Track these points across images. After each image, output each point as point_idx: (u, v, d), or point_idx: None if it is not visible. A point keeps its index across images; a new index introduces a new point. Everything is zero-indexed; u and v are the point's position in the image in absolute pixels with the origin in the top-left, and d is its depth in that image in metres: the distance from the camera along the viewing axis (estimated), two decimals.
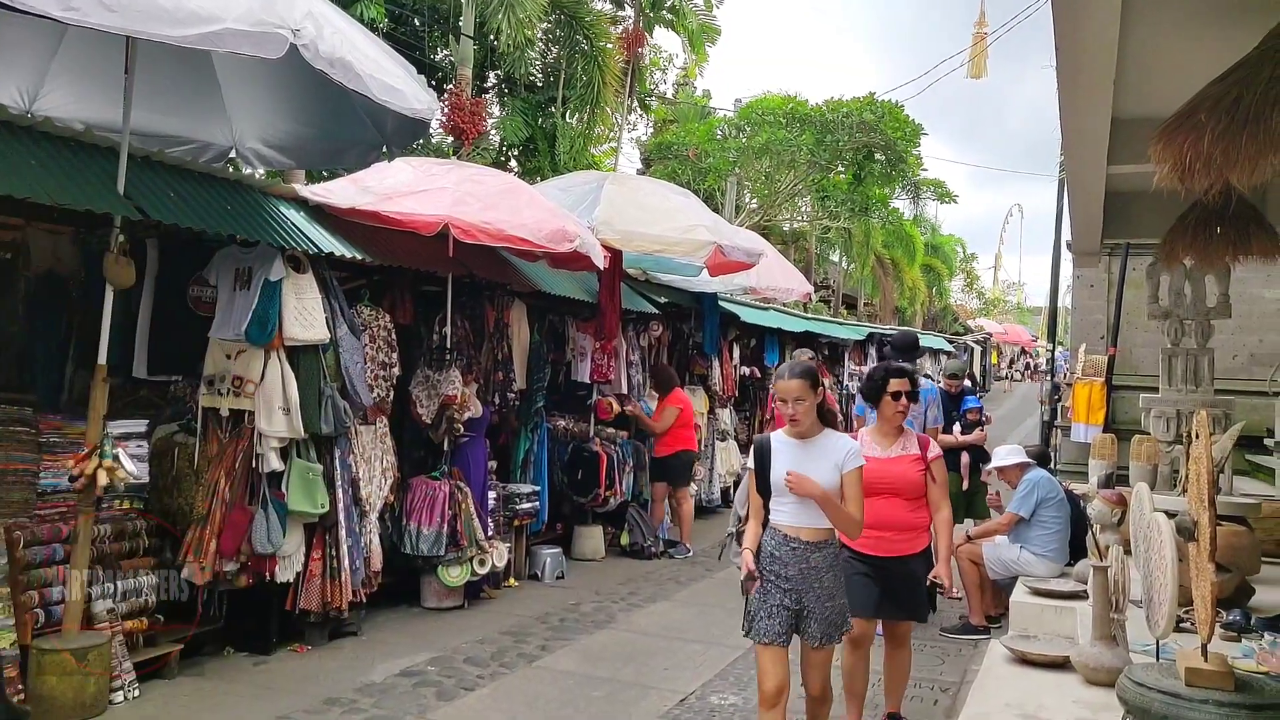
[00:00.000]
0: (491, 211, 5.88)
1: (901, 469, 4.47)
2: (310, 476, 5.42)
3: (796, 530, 3.78)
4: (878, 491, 4.33)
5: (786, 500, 3.76)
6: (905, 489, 4.46)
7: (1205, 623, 2.89)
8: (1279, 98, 3.34)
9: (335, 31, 4.06)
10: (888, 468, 4.44)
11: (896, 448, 4.53)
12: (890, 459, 4.49)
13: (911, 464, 4.49)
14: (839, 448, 3.81)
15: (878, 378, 4.62)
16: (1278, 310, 10.76)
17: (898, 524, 4.47)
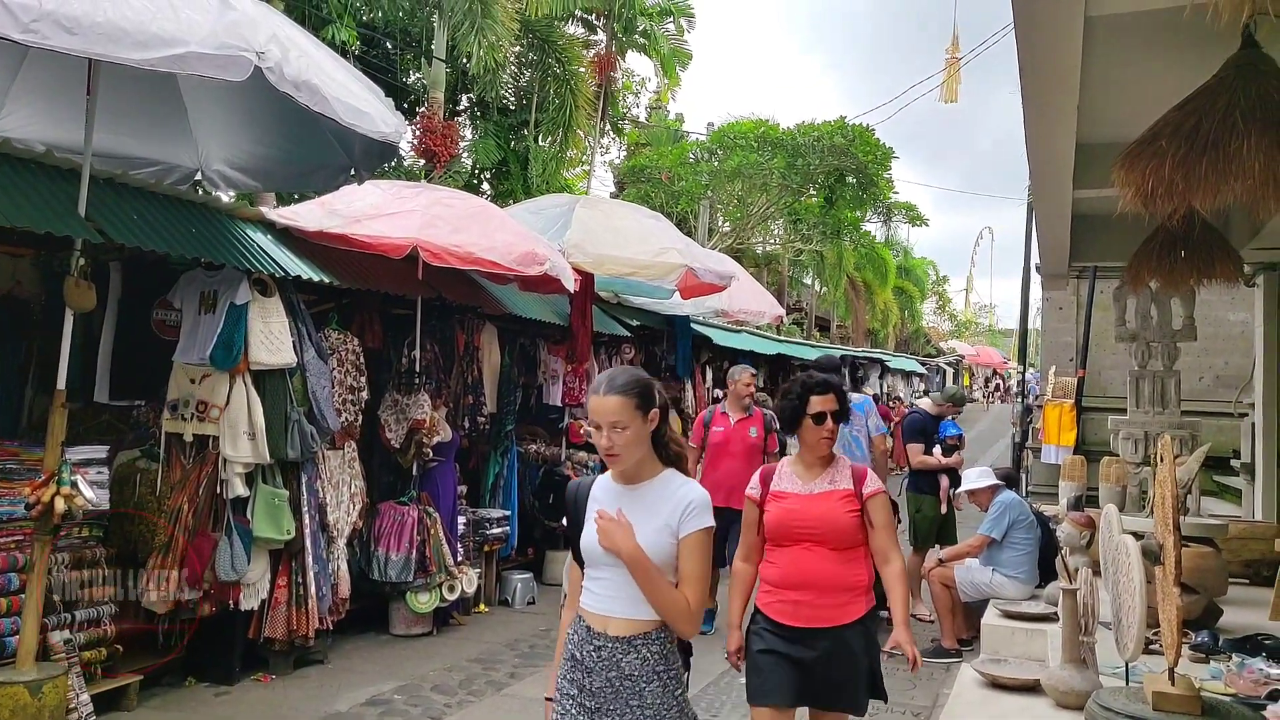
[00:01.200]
0: (461, 234, 5.86)
1: (826, 509, 3.41)
2: (276, 502, 5.33)
3: (604, 619, 2.53)
4: (797, 539, 3.40)
5: (600, 572, 2.57)
6: (833, 536, 3.38)
7: (1171, 646, 2.89)
8: (1236, 125, 3.39)
9: (301, 54, 4.03)
10: (809, 507, 3.43)
11: (822, 481, 3.49)
12: (812, 496, 3.45)
13: (840, 502, 3.43)
14: (677, 499, 2.54)
15: (793, 395, 3.55)
16: (1242, 333, 10.91)
17: (823, 582, 3.36)
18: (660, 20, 18.24)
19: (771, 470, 3.59)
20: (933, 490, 7.49)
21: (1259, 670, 4.01)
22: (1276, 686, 3.81)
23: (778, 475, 3.56)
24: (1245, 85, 3.45)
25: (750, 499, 3.57)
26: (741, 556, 3.61)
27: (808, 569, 3.38)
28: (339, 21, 11.72)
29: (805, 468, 3.55)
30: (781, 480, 3.54)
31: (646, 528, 2.52)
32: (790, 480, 3.54)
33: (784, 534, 3.43)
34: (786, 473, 3.57)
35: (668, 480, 2.62)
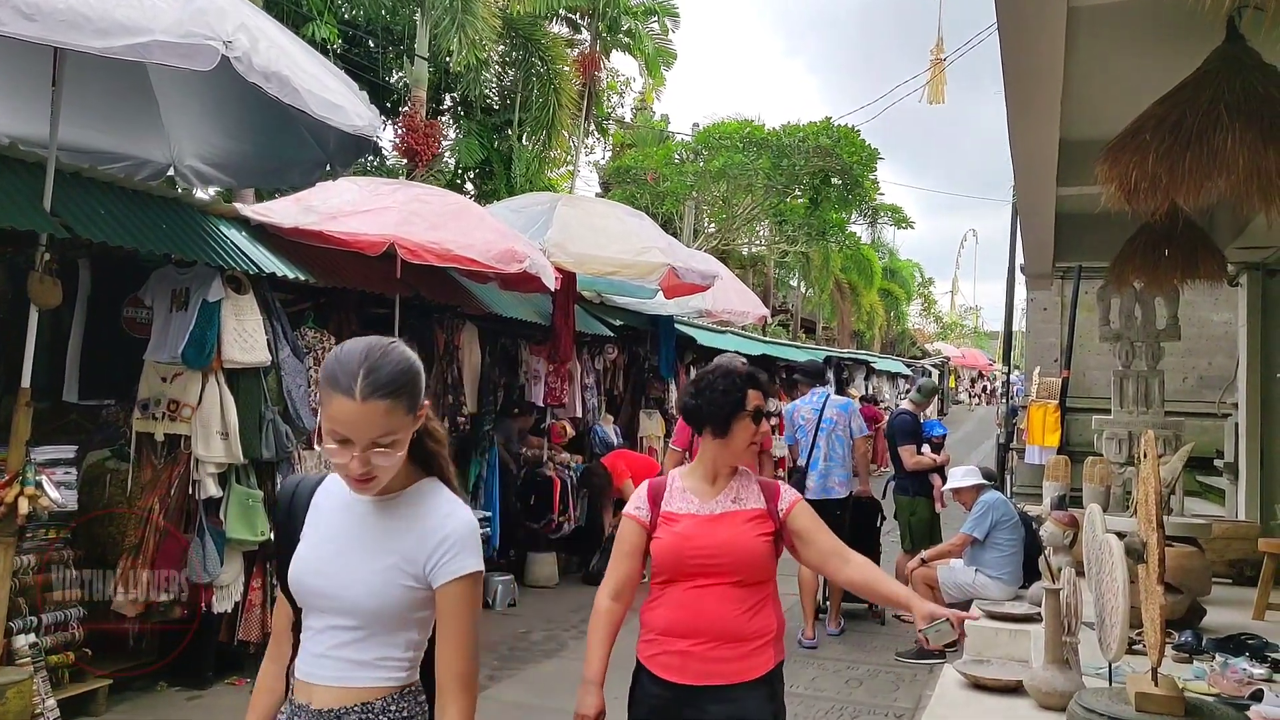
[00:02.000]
0: (439, 231, 5.78)
1: (731, 534, 2.67)
2: (250, 503, 5.24)
3: (308, 687, 1.85)
4: (691, 573, 2.65)
5: (314, 620, 1.86)
6: (737, 568, 2.65)
7: (1155, 646, 2.84)
8: (1221, 118, 3.36)
9: (271, 45, 3.95)
10: (709, 533, 2.68)
11: (724, 499, 2.74)
12: (713, 518, 2.70)
13: (748, 525, 2.69)
14: (429, 530, 1.83)
15: (727, 388, 2.75)
16: (1225, 333, 10.93)
17: (722, 628, 2.62)
18: (645, 19, 18.20)
19: (661, 485, 2.82)
20: (924, 492, 7.43)
21: (1242, 670, 3.98)
22: (1260, 686, 3.78)
23: (668, 491, 2.77)
24: (1230, 78, 3.42)
25: (634, 520, 2.74)
26: (610, 592, 2.73)
27: (703, 611, 2.63)
28: (320, 19, 11.62)
29: (705, 482, 2.76)
30: (673, 498, 2.74)
31: (371, 564, 1.80)
32: (684, 498, 2.74)
33: (675, 567, 2.66)
34: (679, 488, 2.77)
35: (424, 497, 1.88)
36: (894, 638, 6.90)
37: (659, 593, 2.74)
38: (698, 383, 2.85)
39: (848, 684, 5.89)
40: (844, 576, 2.77)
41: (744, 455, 2.79)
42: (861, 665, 6.25)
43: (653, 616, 2.73)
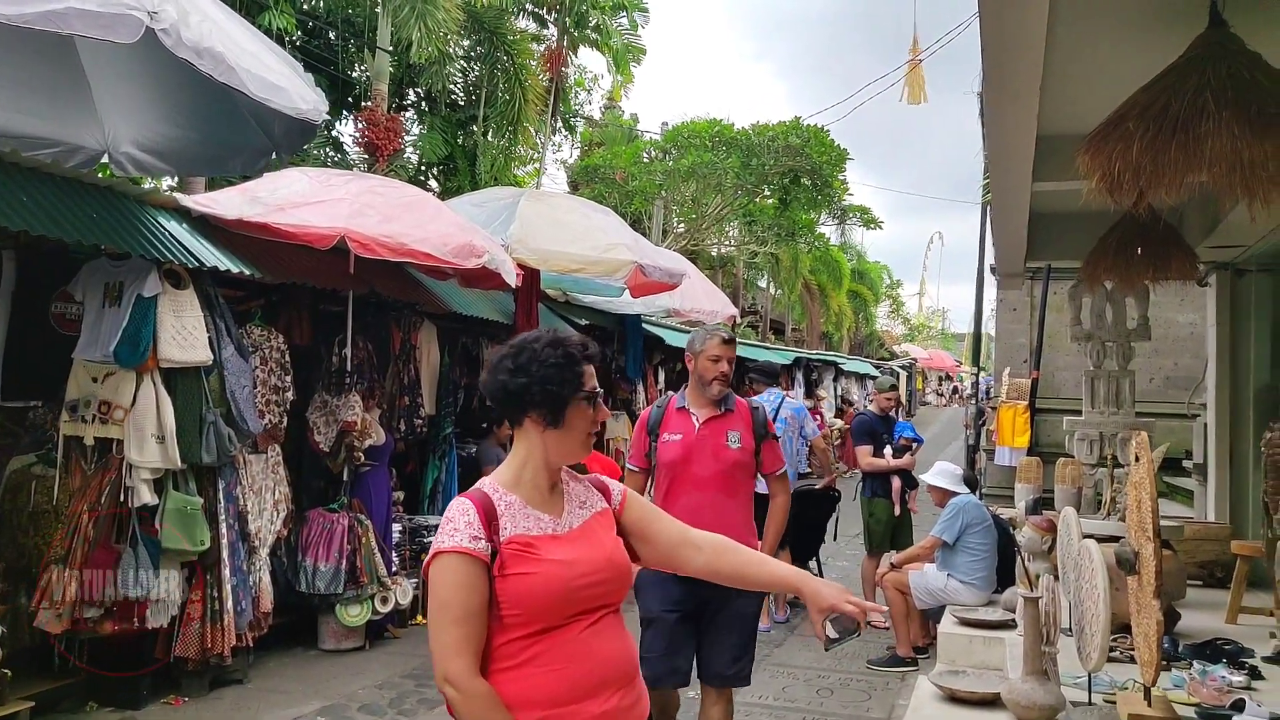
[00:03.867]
0: (392, 224, 5.53)
1: (611, 550, 2.12)
2: (189, 510, 4.96)
3: None
4: (579, 609, 2.03)
5: None
6: (620, 587, 2.12)
7: (1150, 664, 2.68)
8: (1207, 105, 3.21)
9: (204, 19, 3.69)
10: (591, 554, 2.07)
11: (574, 508, 2.15)
12: (575, 535, 2.09)
13: (611, 533, 2.17)
14: None
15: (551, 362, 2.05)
16: (1191, 334, 10.93)
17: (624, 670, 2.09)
18: (613, 15, 17.98)
19: (490, 506, 2.02)
20: (885, 493, 7.30)
21: (1221, 678, 3.88)
22: (1240, 696, 3.67)
23: (504, 513, 2.02)
24: (1215, 64, 3.28)
25: (472, 558, 1.94)
26: (472, 667, 1.92)
27: (600, 655, 2.03)
28: (276, 8, 11.27)
29: (542, 491, 2.09)
30: (515, 519, 2.02)
31: None
32: (529, 517, 2.04)
33: (559, 608, 1.98)
34: (517, 505, 2.04)
35: None
36: (865, 645, 6.73)
37: (525, 651, 1.95)
38: (516, 355, 2.08)
39: (819, 693, 5.72)
40: (699, 565, 2.24)
41: (579, 450, 2.14)
42: (833, 674, 6.08)
43: (529, 688, 1.94)
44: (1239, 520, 6.68)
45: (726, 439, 3.93)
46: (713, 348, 3.94)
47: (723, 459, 3.90)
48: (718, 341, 3.96)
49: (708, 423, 3.95)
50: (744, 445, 3.94)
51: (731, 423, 3.97)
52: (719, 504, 3.85)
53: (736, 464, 3.92)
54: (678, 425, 3.98)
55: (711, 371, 3.92)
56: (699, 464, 3.89)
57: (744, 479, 3.97)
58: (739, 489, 3.96)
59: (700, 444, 3.91)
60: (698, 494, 3.87)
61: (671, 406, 4.06)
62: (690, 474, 3.89)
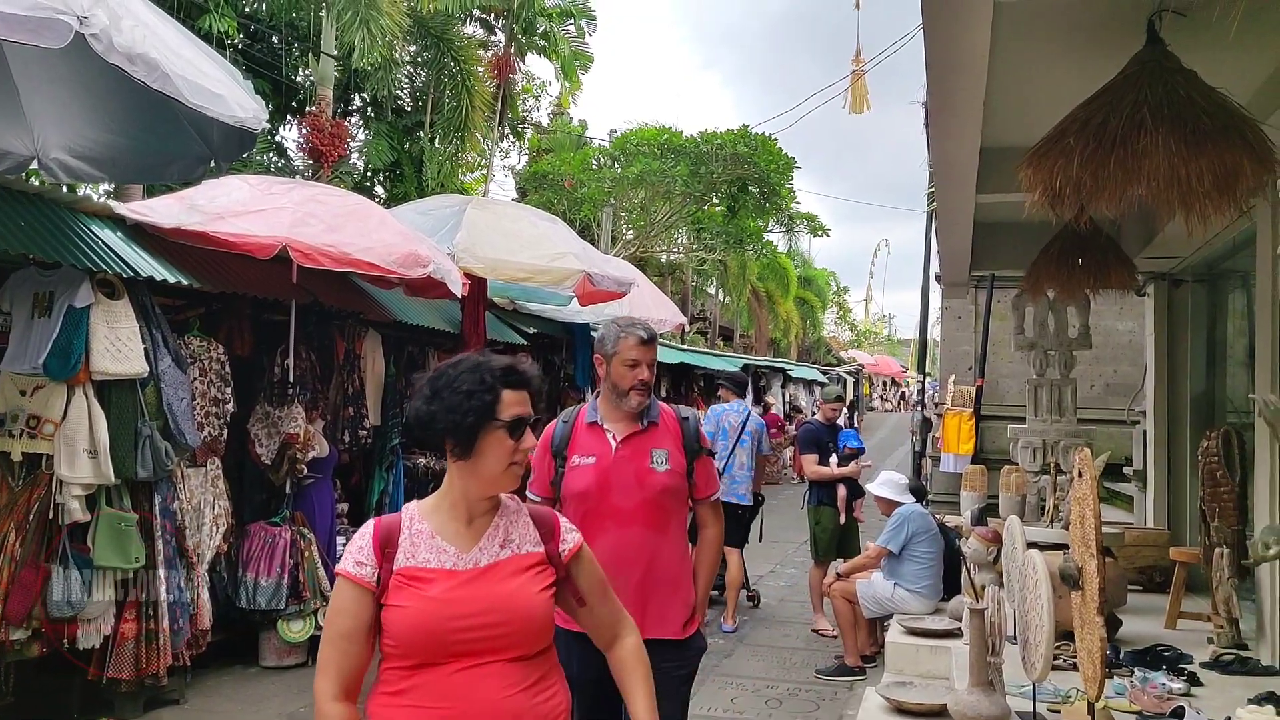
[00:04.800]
0: (335, 233, 5.43)
1: (509, 593, 1.97)
2: (122, 527, 4.81)
3: None
4: (457, 651, 1.92)
5: None
6: (519, 638, 1.97)
7: (1093, 680, 2.71)
8: (1144, 121, 3.28)
9: (137, 24, 3.58)
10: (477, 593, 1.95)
11: (491, 544, 2.02)
12: (480, 572, 1.98)
13: (527, 579, 2.01)
14: None
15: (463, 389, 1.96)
16: (1130, 342, 11.17)
17: None
18: (561, 22, 17.93)
19: (391, 532, 1.97)
20: (831, 501, 7.34)
21: (1162, 685, 3.93)
22: (1180, 703, 3.72)
23: (406, 540, 1.96)
24: (1152, 82, 3.35)
25: (352, 582, 1.92)
26: (335, 690, 1.91)
27: (477, 701, 1.90)
28: (217, 11, 11.04)
29: (459, 522, 2.00)
30: (416, 547, 1.95)
31: None
32: (433, 546, 1.96)
33: (432, 646, 1.90)
34: (425, 534, 1.97)
35: None
36: (813, 654, 6.76)
37: (402, 681, 1.91)
38: (434, 380, 2.01)
39: (768, 704, 5.72)
40: (613, 655, 2.19)
41: (501, 481, 2.00)
42: (781, 684, 6.09)
43: (395, 716, 1.91)
44: (1177, 526, 6.82)
45: (652, 459, 3.12)
46: (628, 349, 3.14)
47: (649, 485, 3.10)
48: (634, 341, 3.14)
49: (628, 441, 3.15)
50: (674, 466, 3.15)
51: (657, 438, 3.17)
52: (648, 544, 3.11)
53: (666, 490, 3.13)
54: (590, 445, 3.16)
55: (628, 379, 3.12)
56: (619, 493, 3.10)
57: (676, 508, 3.21)
58: (670, 521, 3.18)
59: (619, 468, 3.11)
60: (620, 532, 3.07)
61: (580, 421, 3.23)
62: (609, 506, 3.09)
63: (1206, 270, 6.59)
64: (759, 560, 10.23)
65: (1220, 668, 4.28)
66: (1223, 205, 3.31)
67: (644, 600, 3.06)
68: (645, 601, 3.05)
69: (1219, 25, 2.98)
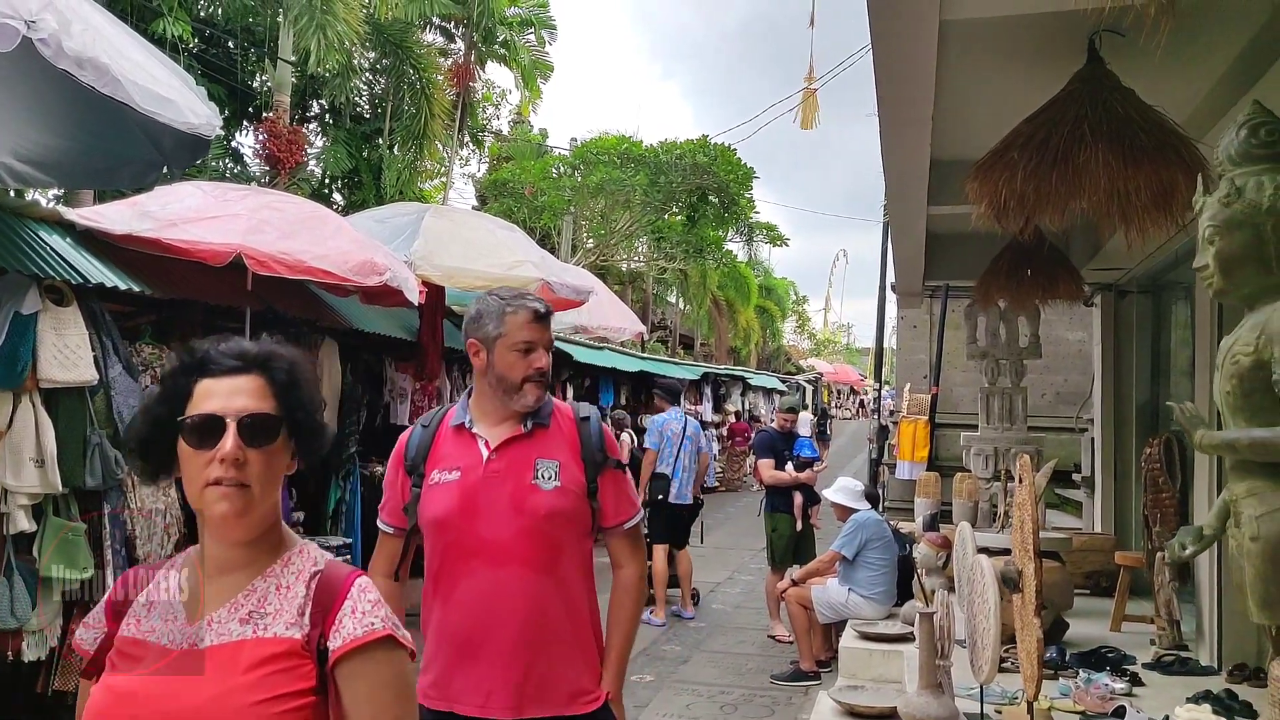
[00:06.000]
0: (290, 241, 5.39)
1: (211, 697, 1.32)
2: (70, 537, 4.72)
3: None
4: None
5: None
6: None
7: (1031, 680, 2.78)
8: (1084, 137, 3.38)
9: (87, 28, 3.54)
10: (172, 692, 1.33)
11: (228, 613, 1.40)
12: (185, 656, 1.37)
13: (252, 680, 1.33)
14: None
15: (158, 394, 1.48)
16: (1079, 351, 11.40)
17: None
18: (521, 31, 17.96)
19: (130, 586, 1.49)
20: (787, 508, 7.42)
21: (1104, 686, 4.03)
22: (1121, 703, 3.82)
23: (146, 598, 1.46)
24: (1092, 98, 3.46)
25: (79, 654, 1.51)
26: None
27: None
28: (170, 15, 10.91)
29: (197, 578, 1.44)
30: (150, 610, 1.44)
31: None
32: (171, 612, 1.42)
33: None
34: (170, 591, 1.44)
35: None
36: (769, 660, 6.81)
37: None
38: None
39: (723, 709, 5.75)
40: None
41: (206, 513, 1.41)
42: (736, 690, 6.13)
43: None
44: (1123, 531, 6.97)
45: (536, 473, 2.33)
46: (519, 328, 2.35)
47: (530, 509, 2.30)
48: (527, 317, 2.36)
49: (505, 448, 2.35)
50: (568, 483, 2.35)
51: (545, 445, 2.38)
52: (530, 590, 2.30)
53: (554, 515, 2.32)
54: (455, 456, 2.38)
55: (520, 368, 2.34)
56: (490, 520, 2.30)
57: (571, 540, 2.37)
58: (561, 557, 2.35)
59: (491, 485, 2.32)
60: (491, 574, 2.29)
61: (446, 425, 2.45)
62: (475, 539, 2.30)
63: (1150, 282, 6.76)
64: (716, 567, 10.30)
65: (1161, 668, 4.39)
66: (1160, 220, 3.42)
67: (524, 668, 2.27)
68: (525, 670, 2.27)
69: (1155, 46, 3.09)
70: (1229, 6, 2.94)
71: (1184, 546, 2.21)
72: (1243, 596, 2.07)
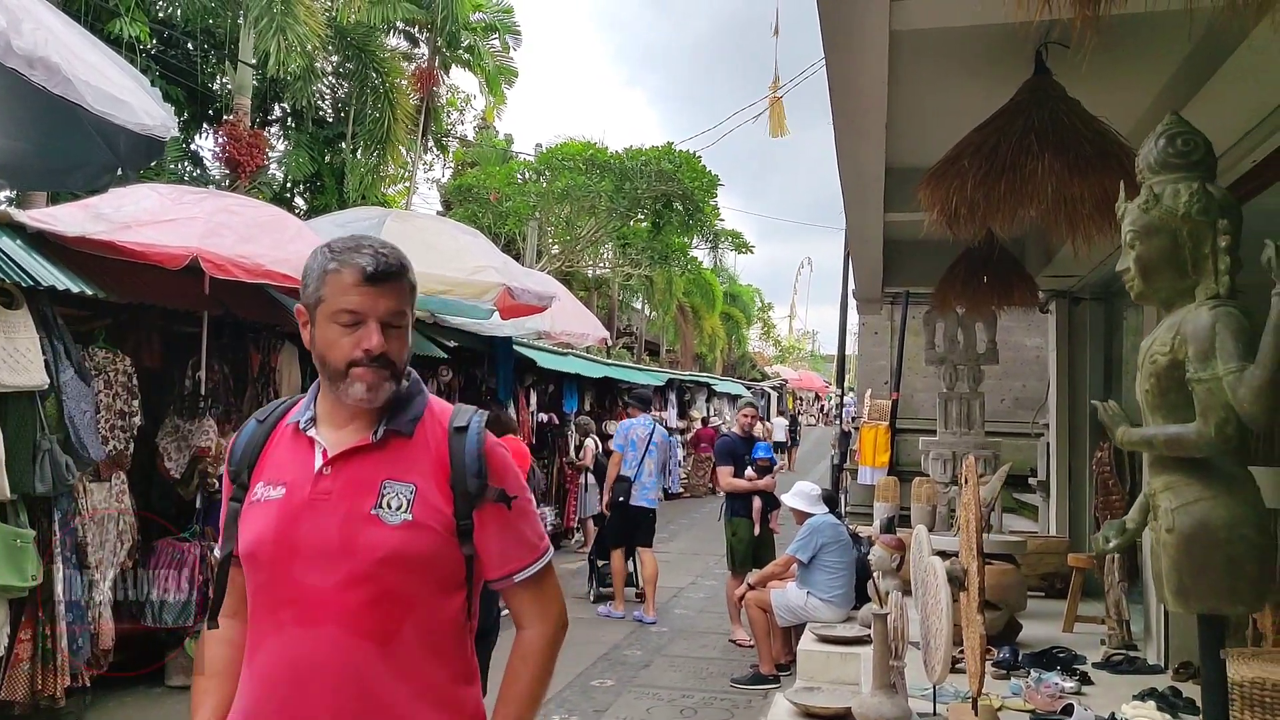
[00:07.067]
0: (249, 244, 5.35)
1: None
2: (18, 544, 4.64)
3: None
4: None
5: None
6: None
7: (975, 675, 2.83)
8: (1032, 146, 3.45)
9: (38, 28, 3.51)
10: None
11: None
12: None
13: None
14: None
15: None
16: (1037, 357, 11.55)
17: None
18: (485, 36, 17.95)
19: None
20: (747, 513, 7.47)
21: (1054, 685, 4.09)
22: (1070, 701, 3.88)
23: None
24: (1039, 109, 3.53)
25: None
26: None
27: None
28: (128, 15, 10.77)
29: None
30: None
31: None
32: None
33: None
34: None
35: None
36: (730, 664, 6.84)
37: None
38: None
39: (682, 713, 5.77)
40: None
41: None
42: (697, 693, 6.15)
43: None
44: (1077, 533, 7.08)
45: (380, 500, 1.67)
46: (341, 290, 1.68)
47: (361, 549, 1.65)
48: (353, 277, 1.68)
49: (344, 461, 1.71)
50: (424, 516, 1.68)
51: (400, 462, 1.72)
52: (352, 666, 1.64)
53: (394, 560, 1.65)
54: (285, 465, 1.75)
55: (340, 349, 1.68)
56: (309, 560, 1.66)
57: (423, 597, 1.69)
58: (406, 620, 1.68)
59: (317, 511, 1.68)
60: (299, 635, 1.65)
61: (284, 424, 1.81)
62: (289, 584, 1.67)
63: (1102, 289, 6.88)
64: (679, 572, 10.33)
65: (1110, 667, 4.47)
66: (1105, 228, 3.51)
67: None
68: None
69: (1099, 58, 3.16)
70: (1163, 26, 3.03)
71: (1108, 540, 2.28)
72: (1160, 586, 2.13)
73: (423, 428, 1.77)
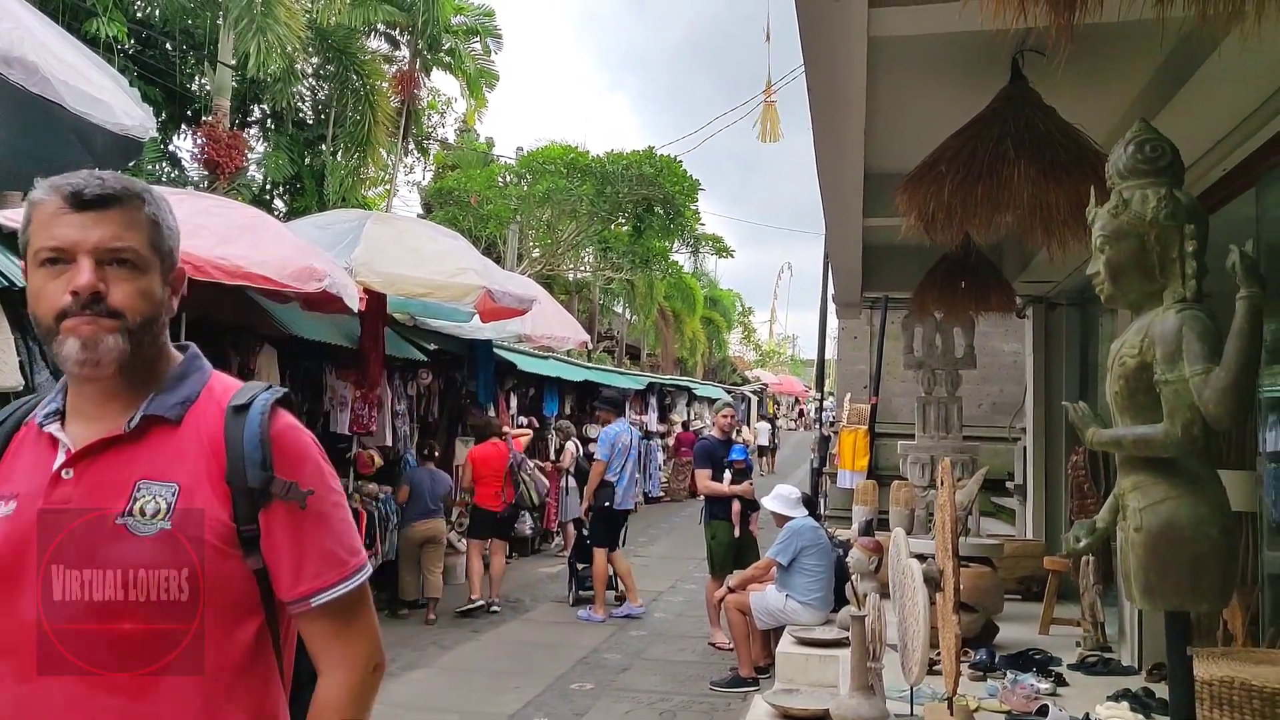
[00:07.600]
0: (228, 246, 5.33)
1: None
2: None
3: None
4: None
5: None
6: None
7: (950, 675, 2.86)
8: (1008, 153, 3.49)
9: (15, 26, 3.49)
10: None
11: None
12: None
13: None
14: None
15: None
16: (1014, 362, 11.64)
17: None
18: (466, 39, 17.94)
19: None
20: (726, 516, 7.49)
21: (1030, 686, 4.13)
22: (1045, 701, 3.92)
23: None
24: (1015, 115, 3.57)
25: None
26: None
27: None
28: (105, 15, 10.69)
29: None
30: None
31: None
32: None
33: None
34: None
35: None
36: (709, 667, 6.86)
37: None
38: None
39: (661, 716, 5.78)
40: None
41: None
42: (676, 696, 6.16)
43: None
44: (1054, 537, 7.14)
45: (131, 505, 1.30)
46: (42, 225, 1.36)
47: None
48: (56, 205, 1.35)
49: (89, 459, 1.34)
50: (185, 523, 1.30)
51: (161, 457, 1.35)
52: None
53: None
54: (21, 471, 1.38)
55: (47, 297, 1.35)
56: (37, 591, 1.28)
57: (201, 629, 1.31)
58: (173, 668, 1.29)
59: (51, 526, 1.30)
60: (18, 693, 1.27)
61: (34, 422, 1.42)
62: (14, 627, 1.28)
63: (1079, 295, 6.95)
64: (659, 576, 10.35)
65: (1085, 669, 4.51)
66: (1079, 234, 3.54)
67: None
68: None
69: (1074, 67, 3.20)
70: (1137, 35, 3.07)
71: (1079, 539, 2.32)
72: (1129, 584, 2.17)
73: (195, 413, 1.38)
